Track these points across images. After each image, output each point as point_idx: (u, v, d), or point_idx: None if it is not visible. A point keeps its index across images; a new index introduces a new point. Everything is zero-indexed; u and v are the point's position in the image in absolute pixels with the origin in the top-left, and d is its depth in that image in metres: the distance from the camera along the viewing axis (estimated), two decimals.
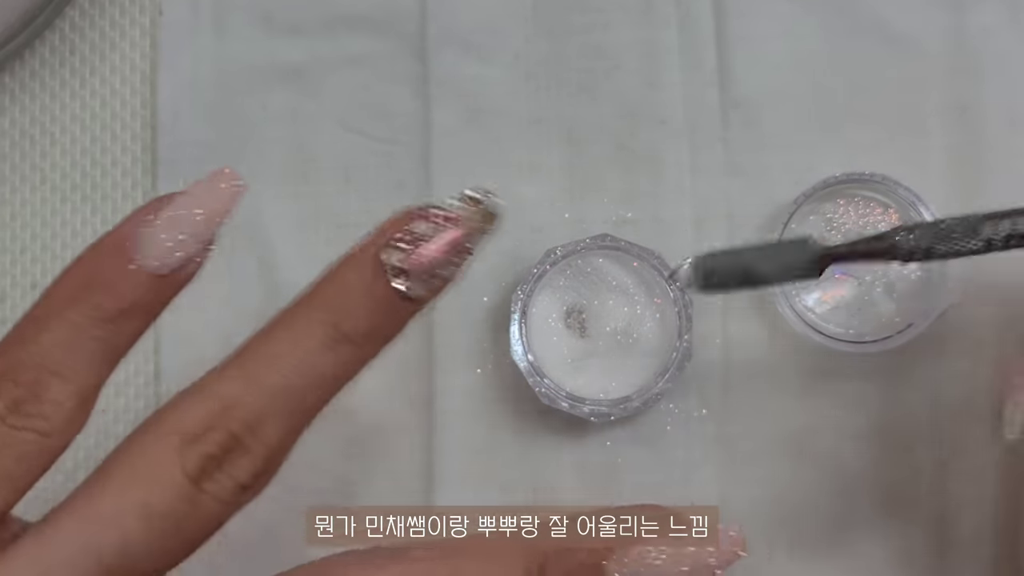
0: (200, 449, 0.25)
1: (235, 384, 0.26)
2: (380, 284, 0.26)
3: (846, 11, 0.39)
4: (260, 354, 0.26)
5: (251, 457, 0.25)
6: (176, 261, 0.26)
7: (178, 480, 0.25)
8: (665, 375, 0.36)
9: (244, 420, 0.25)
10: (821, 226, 0.37)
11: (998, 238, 0.29)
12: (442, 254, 0.26)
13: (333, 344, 0.26)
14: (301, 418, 0.26)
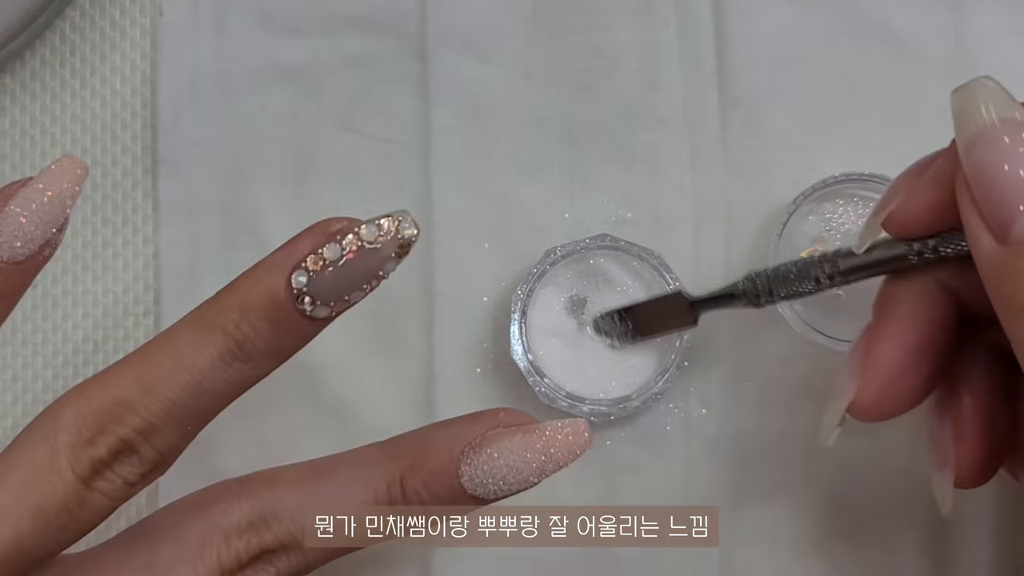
0: (92, 453, 0.26)
1: (131, 389, 0.26)
2: (286, 305, 0.26)
3: (846, 11, 0.39)
4: (157, 362, 0.27)
5: (140, 459, 0.27)
6: (32, 246, 0.27)
7: (70, 481, 0.26)
8: (664, 375, 0.36)
9: (136, 427, 0.26)
10: (820, 226, 0.37)
11: (824, 276, 0.31)
12: (350, 280, 0.27)
13: (231, 359, 0.27)
14: (194, 425, 0.27)
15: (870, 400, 0.29)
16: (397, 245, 0.27)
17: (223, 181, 0.39)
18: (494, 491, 0.28)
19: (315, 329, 0.27)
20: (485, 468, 0.28)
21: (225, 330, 0.27)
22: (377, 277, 0.27)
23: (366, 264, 0.27)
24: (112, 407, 0.26)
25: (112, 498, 0.27)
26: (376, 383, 0.39)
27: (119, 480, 0.27)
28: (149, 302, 0.39)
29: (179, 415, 0.27)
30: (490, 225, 0.39)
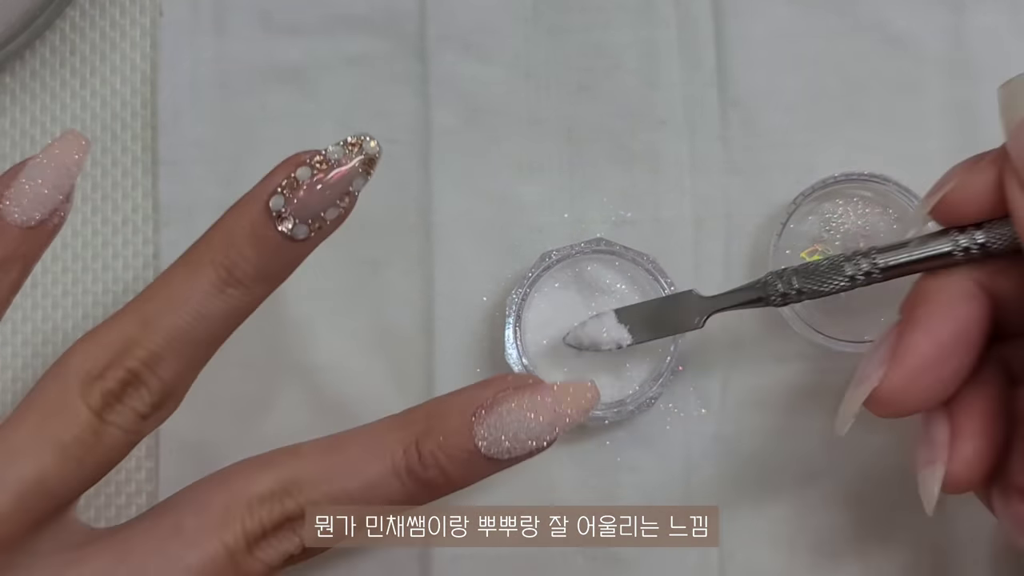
0: (101, 386, 0.28)
1: (133, 326, 0.28)
2: (266, 228, 0.29)
3: (845, 11, 0.39)
4: (156, 298, 0.29)
5: (148, 390, 0.28)
6: (42, 211, 0.29)
7: (83, 414, 0.28)
8: (659, 380, 0.36)
9: (141, 358, 0.28)
10: (820, 226, 0.37)
11: (860, 274, 0.31)
12: (323, 197, 0.29)
13: (223, 286, 0.29)
14: (196, 353, 0.29)
15: (895, 389, 0.29)
16: (363, 161, 0.29)
17: (223, 181, 0.39)
18: (508, 450, 0.29)
19: (298, 251, 0.29)
20: (498, 426, 0.28)
21: (214, 261, 0.29)
22: (348, 194, 0.29)
23: (336, 180, 0.29)
24: (116, 344, 0.28)
25: (126, 430, 0.28)
26: (376, 383, 0.39)
27: (130, 412, 0.28)
28: None
29: (180, 343, 0.28)
30: (490, 225, 0.39)
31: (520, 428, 0.28)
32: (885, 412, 0.29)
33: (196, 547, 0.28)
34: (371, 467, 0.29)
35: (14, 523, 0.27)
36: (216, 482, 0.30)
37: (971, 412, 0.29)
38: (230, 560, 0.28)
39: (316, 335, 0.39)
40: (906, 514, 0.37)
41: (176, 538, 0.29)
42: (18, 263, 0.29)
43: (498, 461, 0.29)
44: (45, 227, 0.29)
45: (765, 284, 0.33)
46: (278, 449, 0.30)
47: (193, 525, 0.29)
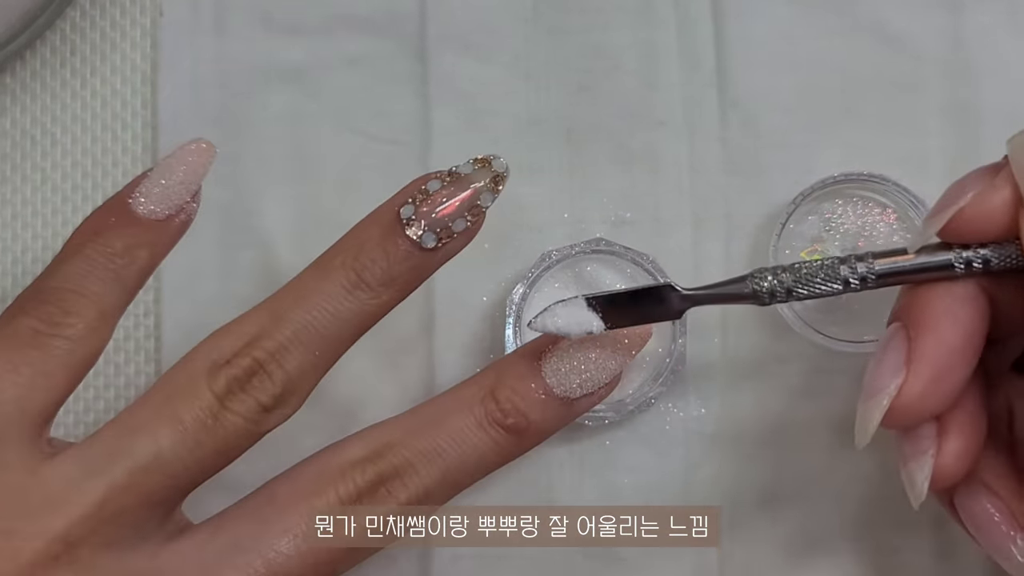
0: (227, 372, 0.29)
1: (262, 320, 0.30)
2: (395, 234, 0.30)
3: (844, 12, 0.39)
4: (286, 296, 0.30)
5: (272, 381, 0.29)
6: (169, 207, 0.31)
7: (206, 397, 0.29)
8: (659, 380, 0.36)
9: (267, 349, 0.29)
10: (819, 226, 0.37)
11: (855, 279, 0.30)
12: (452, 207, 0.30)
13: (352, 288, 0.30)
14: (323, 352, 0.30)
15: (915, 396, 0.28)
16: (491, 176, 0.31)
17: (223, 181, 0.39)
18: (579, 384, 0.31)
19: (427, 261, 0.30)
20: (564, 364, 0.31)
21: (344, 264, 0.30)
22: (476, 208, 0.30)
23: (464, 192, 0.30)
24: (246, 336, 0.30)
25: (246, 419, 0.29)
26: (376, 383, 0.39)
27: (253, 401, 0.29)
28: (149, 302, 0.39)
29: (307, 339, 0.30)
30: (490, 225, 0.39)
31: (586, 361, 0.31)
32: (903, 422, 0.28)
33: (288, 512, 0.29)
34: (455, 421, 0.30)
35: (127, 496, 0.28)
36: (307, 459, 0.31)
37: (957, 409, 0.29)
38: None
39: None
40: (906, 513, 0.37)
41: (269, 506, 0.30)
42: (145, 250, 0.31)
43: (572, 402, 0.31)
44: (171, 221, 0.31)
45: (752, 280, 0.30)
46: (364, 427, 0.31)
47: (285, 492, 0.30)
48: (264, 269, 0.39)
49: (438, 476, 0.30)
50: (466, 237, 0.31)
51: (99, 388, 0.39)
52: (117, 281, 0.30)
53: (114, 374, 0.39)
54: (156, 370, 0.39)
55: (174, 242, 0.32)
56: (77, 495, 0.28)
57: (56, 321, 0.29)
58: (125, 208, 0.31)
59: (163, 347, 0.39)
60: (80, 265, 0.30)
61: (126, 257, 0.30)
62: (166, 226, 0.31)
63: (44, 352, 0.29)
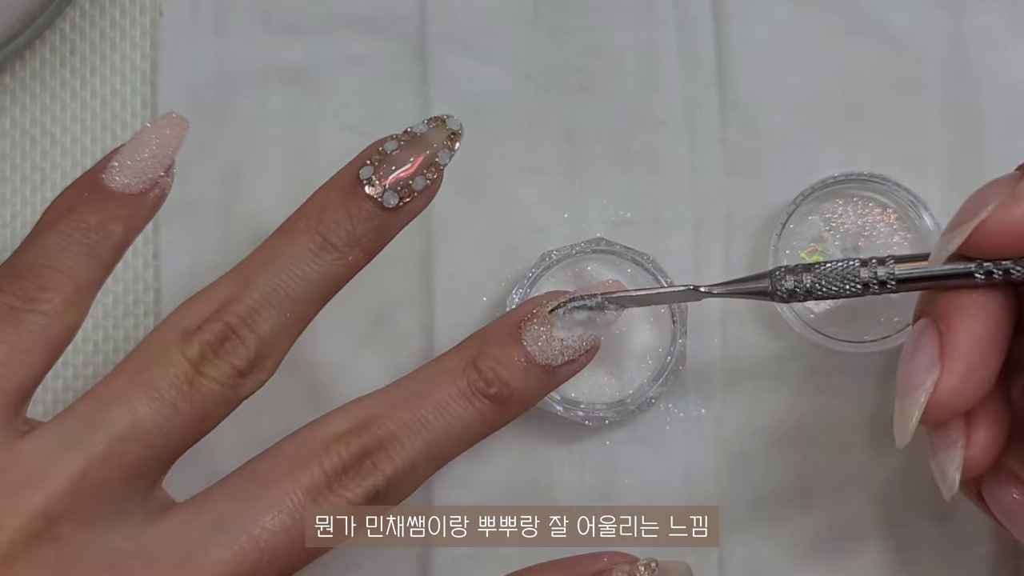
0: (200, 337, 0.29)
1: (231, 286, 0.30)
2: (357, 195, 0.30)
3: (845, 11, 0.39)
4: (253, 261, 0.30)
5: (245, 346, 0.29)
6: (142, 181, 0.31)
7: (180, 364, 0.29)
8: (659, 380, 0.36)
9: (238, 313, 0.29)
10: (820, 226, 0.37)
11: (875, 282, 0.30)
12: (411, 165, 0.31)
13: (318, 251, 0.30)
14: (294, 314, 0.30)
15: (951, 391, 0.28)
16: (447, 134, 0.31)
17: (223, 181, 0.39)
18: (560, 351, 0.31)
19: (389, 220, 0.31)
20: (544, 328, 0.31)
21: (309, 227, 0.30)
22: (434, 165, 0.31)
23: (420, 150, 0.31)
24: (215, 301, 0.30)
25: (222, 384, 0.29)
26: (376, 383, 0.38)
27: (227, 366, 0.29)
28: (149, 302, 0.39)
29: (276, 300, 0.30)
30: (490, 225, 0.39)
31: (566, 324, 0.31)
32: (940, 417, 0.28)
33: (272, 488, 0.29)
34: (438, 391, 0.30)
35: (107, 468, 0.28)
36: (290, 435, 0.30)
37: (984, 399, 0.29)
38: (311, 500, 0.29)
39: (316, 334, 0.38)
40: (907, 513, 0.37)
41: (251, 483, 0.29)
42: (120, 224, 0.31)
43: (554, 369, 0.31)
44: (145, 196, 0.31)
45: (774, 279, 0.31)
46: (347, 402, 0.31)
47: (268, 469, 0.29)
48: None
49: (423, 447, 0.30)
50: (427, 196, 0.31)
51: None
52: (92, 256, 0.30)
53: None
54: None
55: (149, 216, 0.32)
56: (55, 469, 0.28)
57: (32, 296, 0.29)
58: (98, 183, 0.31)
59: None
60: (55, 240, 0.30)
61: (100, 232, 0.30)
62: (140, 200, 0.31)
63: (20, 328, 0.29)
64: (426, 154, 0.31)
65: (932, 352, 0.28)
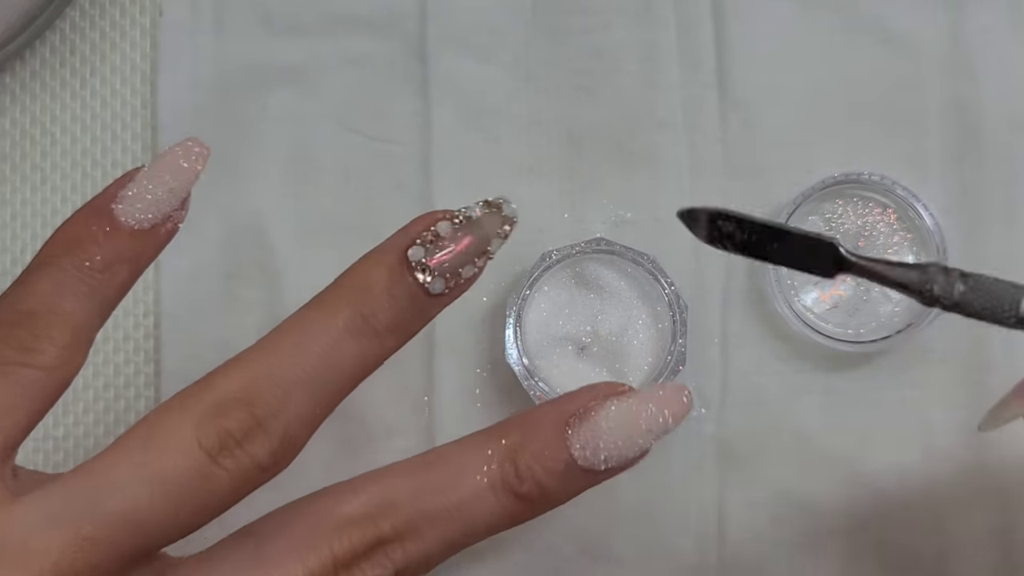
0: (220, 424, 0.26)
1: (260, 364, 0.27)
2: (404, 278, 0.27)
3: (845, 11, 0.39)
4: (287, 337, 0.27)
5: (270, 438, 0.26)
6: (156, 215, 0.28)
7: (194, 454, 0.25)
8: (659, 380, 0.36)
9: (267, 400, 0.26)
10: (820, 226, 0.37)
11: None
12: (462, 252, 0.28)
13: (357, 335, 0.27)
14: (322, 405, 0.27)
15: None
16: (501, 221, 0.28)
17: (223, 181, 0.39)
18: (605, 459, 0.27)
19: (433, 306, 0.28)
20: (594, 433, 0.27)
21: (350, 306, 0.27)
22: (484, 254, 0.28)
23: (474, 237, 0.28)
24: (241, 381, 0.26)
25: (240, 479, 0.26)
26: (376, 384, 0.38)
27: (248, 460, 0.26)
28: (149, 302, 0.39)
29: (304, 391, 0.27)
30: None
31: (617, 435, 0.27)
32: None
33: (277, 570, 0.26)
34: (465, 482, 0.27)
35: (94, 552, 0.25)
36: (301, 504, 0.28)
37: None
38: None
39: None
40: (907, 513, 0.37)
41: (254, 561, 0.27)
42: (127, 265, 0.28)
43: (595, 472, 0.27)
44: (157, 231, 0.29)
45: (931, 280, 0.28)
46: (365, 473, 0.28)
47: (274, 548, 0.27)
48: (264, 269, 0.39)
49: (441, 538, 0.27)
50: (471, 281, 0.28)
51: (98, 389, 0.39)
52: (94, 297, 0.28)
53: (113, 374, 0.39)
54: (155, 370, 0.39)
55: (158, 252, 0.29)
56: (39, 546, 0.25)
57: (27, 347, 0.27)
58: (108, 214, 0.28)
59: (162, 347, 0.39)
60: (54, 278, 0.28)
61: (106, 272, 0.28)
62: (151, 236, 0.29)
63: (11, 383, 0.26)
64: (480, 242, 0.28)
65: None
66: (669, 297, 0.37)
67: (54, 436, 0.39)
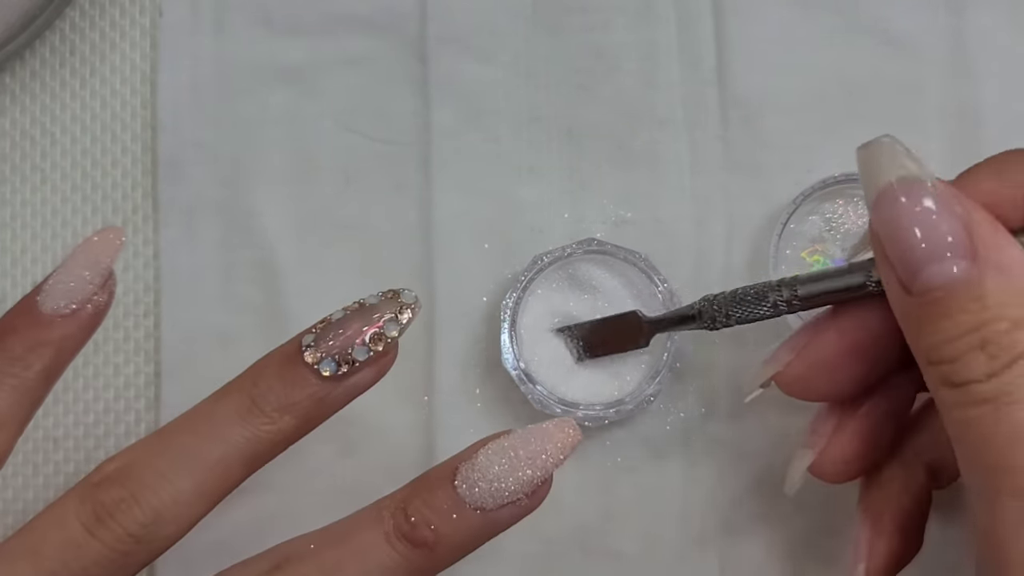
0: (95, 497, 0.27)
1: (146, 446, 0.28)
2: (294, 361, 0.29)
3: (845, 11, 0.39)
4: (177, 422, 0.29)
5: (141, 509, 0.27)
6: (71, 302, 0.29)
7: (72, 527, 0.27)
8: (657, 377, 0.36)
9: (141, 477, 0.28)
10: (820, 226, 0.37)
11: (783, 302, 0.32)
12: (352, 334, 0.29)
13: (245, 413, 0.28)
14: (207, 479, 0.28)
15: (793, 376, 0.31)
16: (397, 306, 0.29)
17: (223, 181, 0.39)
18: (492, 496, 0.28)
19: (327, 389, 0.29)
20: (474, 469, 0.28)
21: (240, 389, 0.29)
22: (379, 338, 0.29)
23: (364, 319, 0.29)
24: (123, 461, 0.28)
25: (111, 548, 0.27)
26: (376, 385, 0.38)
27: (119, 529, 0.27)
28: (149, 302, 0.39)
29: (189, 463, 0.28)
30: (490, 226, 0.39)
31: (501, 470, 0.28)
32: (786, 391, 0.32)
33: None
34: (363, 536, 0.28)
35: None
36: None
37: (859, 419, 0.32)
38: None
39: None
40: None
41: None
42: (49, 348, 0.29)
43: (488, 514, 0.28)
44: (79, 315, 0.30)
45: (700, 311, 0.34)
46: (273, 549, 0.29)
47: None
48: (264, 269, 0.39)
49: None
50: (375, 369, 0.29)
51: (98, 389, 0.39)
52: (16, 387, 0.29)
53: (113, 375, 0.39)
54: (155, 371, 0.39)
55: (86, 334, 0.30)
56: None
57: None
58: (31, 307, 0.29)
59: (162, 347, 0.39)
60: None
61: (25, 360, 0.29)
62: (73, 320, 0.30)
63: None
64: (371, 323, 0.29)
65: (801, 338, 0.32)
66: (663, 295, 0.37)
67: (54, 436, 0.39)
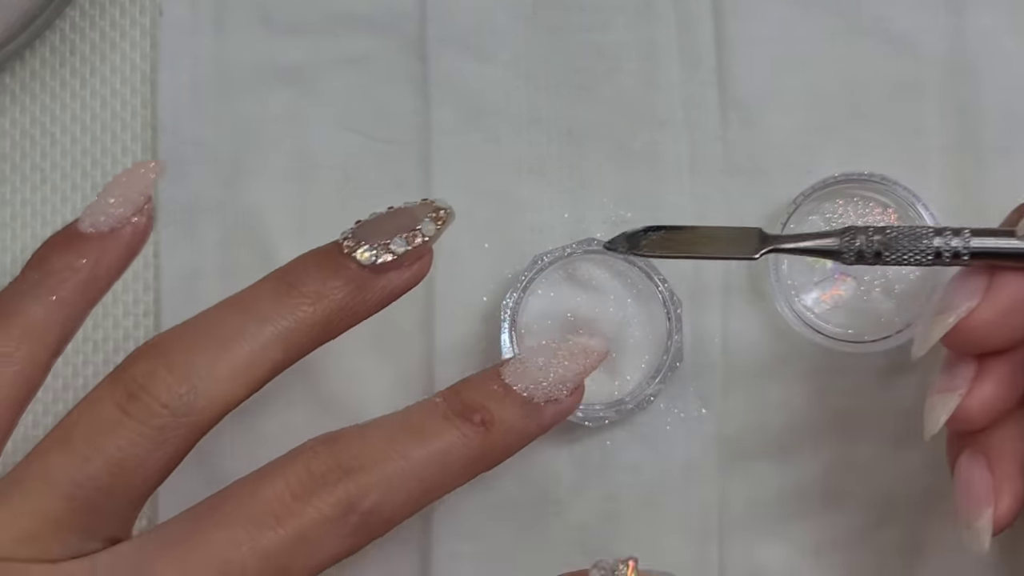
0: (127, 374, 0.28)
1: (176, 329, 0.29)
2: (332, 250, 0.30)
3: (845, 11, 0.39)
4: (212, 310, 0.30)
5: (175, 379, 0.28)
6: (110, 220, 0.30)
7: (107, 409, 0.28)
8: (657, 377, 0.36)
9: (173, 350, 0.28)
10: (820, 226, 0.37)
11: (947, 253, 0.30)
12: (389, 227, 0.30)
13: (282, 296, 0.29)
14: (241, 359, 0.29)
15: (984, 322, 0.29)
16: (432, 209, 0.31)
17: (223, 181, 0.39)
18: (537, 386, 0.30)
19: (366, 279, 0.30)
20: (523, 364, 0.31)
21: (277, 276, 0.30)
22: (416, 231, 0.30)
23: (403, 216, 0.30)
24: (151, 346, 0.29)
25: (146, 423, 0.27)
26: (376, 382, 0.39)
27: (150, 399, 0.28)
28: (149, 302, 0.39)
29: (220, 344, 0.29)
30: (490, 225, 0.39)
31: (546, 364, 0.30)
32: (963, 345, 0.29)
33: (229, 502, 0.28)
34: (419, 416, 0.29)
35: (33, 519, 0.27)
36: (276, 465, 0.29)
37: (1002, 360, 0.29)
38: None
39: None
40: (907, 513, 0.37)
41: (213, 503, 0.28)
42: (87, 263, 0.30)
43: (538, 408, 0.30)
44: (118, 234, 0.30)
45: (844, 235, 0.31)
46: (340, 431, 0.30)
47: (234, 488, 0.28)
48: (264, 269, 0.39)
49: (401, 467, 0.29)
50: (411, 271, 0.30)
51: None
52: (52, 302, 0.29)
53: None
54: None
55: (124, 256, 0.31)
56: None
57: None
58: (72, 228, 0.31)
59: None
60: (14, 286, 0.30)
61: (64, 273, 0.30)
62: (112, 237, 0.30)
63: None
64: (408, 220, 0.30)
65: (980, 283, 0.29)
66: (663, 294, 0.37)
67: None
